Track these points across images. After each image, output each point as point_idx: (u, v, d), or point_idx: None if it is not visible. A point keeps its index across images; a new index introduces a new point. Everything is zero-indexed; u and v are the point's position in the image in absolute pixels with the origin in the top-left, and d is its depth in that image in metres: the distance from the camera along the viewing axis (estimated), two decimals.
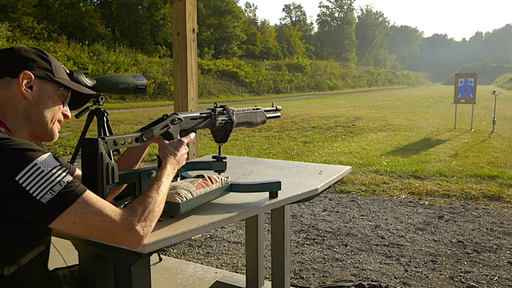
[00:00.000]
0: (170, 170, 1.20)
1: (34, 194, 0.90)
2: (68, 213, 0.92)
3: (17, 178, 0.89)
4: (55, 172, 0.93)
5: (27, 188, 0.89)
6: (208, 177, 1.42)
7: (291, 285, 2.49)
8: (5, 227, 0.95)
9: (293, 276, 2.70)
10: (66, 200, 0.92)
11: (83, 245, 1.18)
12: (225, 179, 1.48)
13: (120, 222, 0.98)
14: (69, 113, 1.21)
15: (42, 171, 0.92)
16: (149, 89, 19.87)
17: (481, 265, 2.83)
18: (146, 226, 1.02)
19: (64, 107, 1.18)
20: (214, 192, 1.39)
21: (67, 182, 0.94)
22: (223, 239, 3.38)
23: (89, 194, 0.97)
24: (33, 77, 1.08)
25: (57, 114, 1.16)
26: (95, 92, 1.27)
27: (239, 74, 28.42)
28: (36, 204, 0.90)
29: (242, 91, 27.76)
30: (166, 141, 1.28)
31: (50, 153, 0.98)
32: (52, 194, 0.91)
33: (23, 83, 1.07)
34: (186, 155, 1.32)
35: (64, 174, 0.95)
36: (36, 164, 0.91)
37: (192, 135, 1.39)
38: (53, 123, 1.15)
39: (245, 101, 23.63)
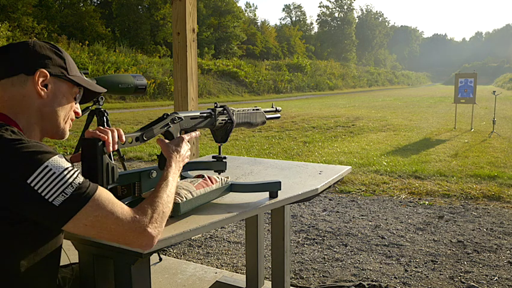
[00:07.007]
0: (175, 168, 1.20)
1: (46, 197, 0.88)
2: (79, 216, 0.91)
3: (28, 181, 0.87)
4: (66, 174, 0.91)
5: (40, 191, 0.88)
6: (208, 177, 1.42)
7: (291, 285, 2.49)
8: (19, 228, 0.93)
9: (293, 276, 2.70)
10: (78, 202, 0.91)
11: (83, 244, 1.18)
12: (225, 179, 1.48)
13: (132, 225, 0.97)
14: (79, 111, 1.19)
15: (54, 173, 0.90)
16: (149, 89, 19.88)
17: (481, 265, 2.83)
18: (157, 227, 1.02)
19: (75, 104, 1.16)
20: (214, 192, 1.39)
21: (78, 183, 0.92)
22: (223, 239, 3.38)
23: (101, 195, 0.95)
24: (48, 75, 1.05)
25: (70, 113, 1.14)
26: (106, 89, 1.26)
27: (239, 74, 28.40)
28: (49, 206, 0.89)
29: (242, 91, 27.74)
30: (167, 140, 1.28)
31: (60, 154, 0.96)
32: (64, 197, 0.89)
33: (39, 82, 1.04)
34: (189, 152, 1.31)
35: (75, 175, 0.93)
36: (47, 166, 0.90)
37: (194, 133, 1.39)
38: (66, 122, 1.13)
39: (245, 101, 23.62)
